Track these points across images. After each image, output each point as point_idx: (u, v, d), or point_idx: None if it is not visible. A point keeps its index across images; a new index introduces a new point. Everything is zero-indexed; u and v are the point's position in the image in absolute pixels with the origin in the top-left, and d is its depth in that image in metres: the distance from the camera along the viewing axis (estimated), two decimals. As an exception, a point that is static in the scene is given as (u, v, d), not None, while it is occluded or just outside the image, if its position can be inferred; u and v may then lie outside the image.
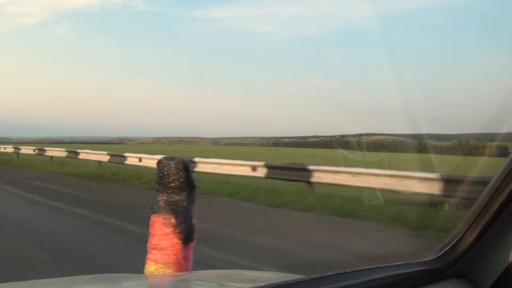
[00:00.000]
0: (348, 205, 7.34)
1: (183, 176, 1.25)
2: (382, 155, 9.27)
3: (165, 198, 1.24)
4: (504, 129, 1.38)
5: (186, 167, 1.27)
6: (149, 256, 1.25)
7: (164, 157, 1.26)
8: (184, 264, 1.27)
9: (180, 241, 1.25)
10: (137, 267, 1.40)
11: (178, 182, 1.24)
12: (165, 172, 1.25)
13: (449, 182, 6.50)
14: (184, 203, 1.26)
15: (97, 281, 1.22)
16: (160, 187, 1.25)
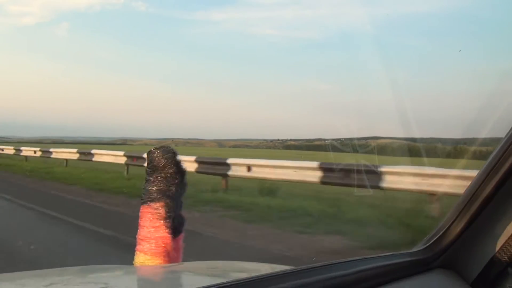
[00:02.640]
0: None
1: (173, 166, 1.25)
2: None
3: (155, 188, 1.24)
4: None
5: (176, 156, 1.27)
6: (138, 247, 1.25)
7: (154, 147, 1.26)
8: (174, 255, 1.27)
9: (170, 232, 1.25)
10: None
11: (168, 172, 1.24)
12: (155, 162, 1.25)
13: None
14: (174, 193, 1.26)
15: (86, 272, 1.23)
16: (149, 177, 1.25)
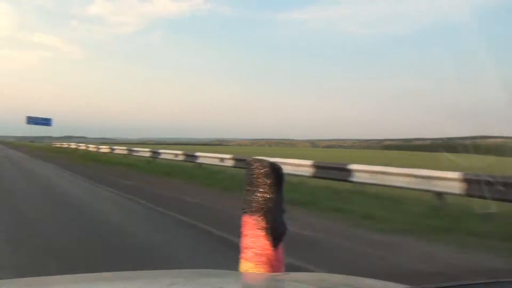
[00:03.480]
0: None
1: (272, 176, 1.26)
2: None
3: (254, 198, 1.25)
4: None
5: (275, 168, 1.27)
6: (242, 255, 1.27)
7: (253, 158, 1.27)
8: (276, 264, 1.26)
9: (270, 241, 1.25)
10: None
11: (267, 182, 1.25)
12: (255, 172, 1.26)
13: None
14: (274, 204, 1.26)
15: (201, 275, 1.25)
16: (249, 188, 1.26)
